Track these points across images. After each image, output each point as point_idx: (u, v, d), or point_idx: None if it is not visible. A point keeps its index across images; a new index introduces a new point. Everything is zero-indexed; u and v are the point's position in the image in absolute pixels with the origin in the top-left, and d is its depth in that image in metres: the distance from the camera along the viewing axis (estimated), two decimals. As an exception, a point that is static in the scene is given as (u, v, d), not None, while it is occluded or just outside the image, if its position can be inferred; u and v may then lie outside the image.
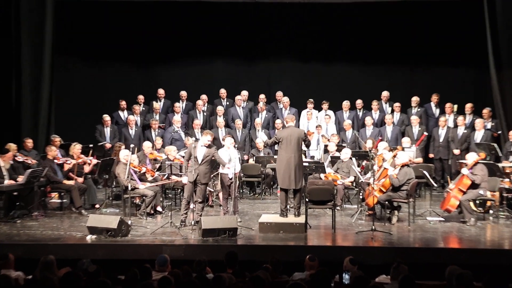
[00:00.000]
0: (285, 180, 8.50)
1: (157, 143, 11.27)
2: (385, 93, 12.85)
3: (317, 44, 13.46)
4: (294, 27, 13.47)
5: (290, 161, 8.49)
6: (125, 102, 12.68)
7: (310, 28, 13.38)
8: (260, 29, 13.56)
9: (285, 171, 8.49)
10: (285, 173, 8.48)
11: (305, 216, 8.48)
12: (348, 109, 12.74)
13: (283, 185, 8.57)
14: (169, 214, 8.90)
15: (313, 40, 13.45)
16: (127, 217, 8.78)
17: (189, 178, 8.51)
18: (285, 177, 8.49)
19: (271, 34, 13.58)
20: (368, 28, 13.25)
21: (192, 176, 8.44)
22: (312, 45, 13.48)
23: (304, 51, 13.61)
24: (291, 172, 8.45)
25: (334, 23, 13.29)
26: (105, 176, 10.79)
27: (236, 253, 6.03)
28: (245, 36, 13.58)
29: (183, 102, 13.08)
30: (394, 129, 12.12)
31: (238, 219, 8.70)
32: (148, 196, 9.29)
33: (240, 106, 12.84)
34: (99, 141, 12.04)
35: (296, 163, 8.49)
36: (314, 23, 13.34)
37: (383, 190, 8.95)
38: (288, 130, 8.70)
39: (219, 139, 12.14)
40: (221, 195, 9.94)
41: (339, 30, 13.34)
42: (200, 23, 13.47)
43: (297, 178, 8.47)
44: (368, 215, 9.21)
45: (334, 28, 13.33)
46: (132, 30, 13.33)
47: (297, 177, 8.47)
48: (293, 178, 8.45)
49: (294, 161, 8.49)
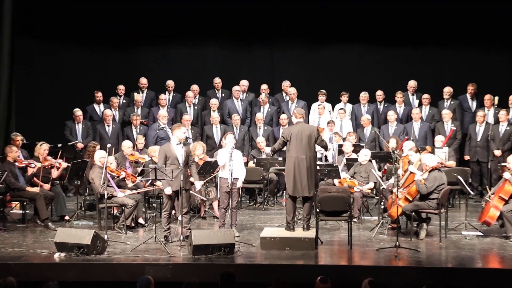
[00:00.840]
0: (295, 185, 8.51)
1: (139, 143, 11.31)
2: (412, 82, 12.85)
3: (330, 24, 13.50)
4: (303, 4, 13.50)
5: (300, 163, 8.49)
6: (101, 94, 12.69)
7: (322, 5, 13.42)
8: (262, 6, 13.59)
9: (295, 174, 8.50)
10: (295, 178, 8.49)
11: (315, 229, 8.48)
12: (367, 102, 12.75)
13: (292, 192, 8.57)
14: (153, 228, 8.86)
15: (325, 19, 13.49)
16: (102, 231, 8.79)
17: (173, 186, 8.49)
18: (295, 182, 8.50)
19: (275, 12, 13.61)
20: (391, 4, 13.25)
21: (176, 183, 8.42)
22: (324, 26, 13.53)
23: (315, 33, 13.64)
24: (302, 176, 8.46)
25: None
26: (76, 182, 10.79)
27: (233, 274, 6.06)
28: (243, 14, 13.60)
29: (169, 94, 13.08)
30: (423, 125, 12.12)
31: (236, 234, 8.71)
32: (128, 206, 9.31)
33: (238, 98, 12.85)
34: (69, 140, 12.05)
35: (308, 165, 8.50)
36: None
37: (409, 199, 8.95)
38: (297, 126, 8.71)
39: (214, 137, 12.23)
40: (216, 205, 10.01)
41: (356, 7, 13.38)
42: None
43: (309, 184, 8.47)
44: (391, 229, 9.23)
45: (350, 5, 13.39)
46: (108, 8, 13.34)
47: (309, 182, 8.47)
48: (306, 183, 8.46)
49: (306, 162, 8.50)
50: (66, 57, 13.56)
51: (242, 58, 13.93)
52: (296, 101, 12.75)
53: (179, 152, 8.53)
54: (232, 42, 13.92)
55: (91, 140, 11.74)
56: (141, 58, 13.89)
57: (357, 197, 9.91)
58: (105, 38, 13.62)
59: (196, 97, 12.98)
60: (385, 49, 13.55)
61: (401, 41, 13.44)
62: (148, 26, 13.60)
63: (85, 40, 13.55)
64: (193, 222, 9.76)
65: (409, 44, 13.45)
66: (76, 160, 10.54)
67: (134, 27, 13.56)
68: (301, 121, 8.76)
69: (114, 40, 13.68)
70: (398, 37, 13.41)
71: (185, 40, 13.85)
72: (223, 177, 8.97)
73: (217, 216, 9.79)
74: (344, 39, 13.60)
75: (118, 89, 12.97)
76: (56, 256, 7.98)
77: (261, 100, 12.75)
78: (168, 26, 13.60)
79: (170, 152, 8.53)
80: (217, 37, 13.85)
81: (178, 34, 13.75)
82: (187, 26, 13.65)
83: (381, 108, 12.78)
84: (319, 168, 9.71)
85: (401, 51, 13.50)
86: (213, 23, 13.63)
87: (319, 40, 13.70)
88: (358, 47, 13.68)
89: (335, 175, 10.05)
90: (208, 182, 10.38)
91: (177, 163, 8.47)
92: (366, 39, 13.55)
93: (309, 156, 8.51)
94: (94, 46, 13.64)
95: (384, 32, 13.39)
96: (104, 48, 13.72)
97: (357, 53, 13.68)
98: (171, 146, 8.56)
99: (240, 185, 9.08)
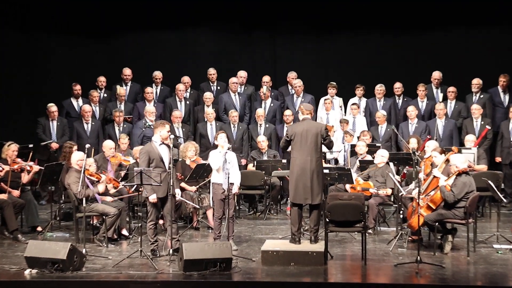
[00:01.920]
0: (298, 192, 8.55)
1: (122, 143, 11.33)
2: (436, 73, 12.86)
3: (341, 6, 13.51)
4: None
5: (305, 166, 8.53)
6: (79, 87, 12.71)
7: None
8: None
9: (299, 179, 8.53)
10: (298, 183, 8.53)
11: (325, 242, 8.47)
12: (383, 96, 12.76)
13: (295, 199, 8.60)
14: (138, 240, 8.86)
15: (336, 1, 13.51)
16: (80, 244, 8.78)
17: (157, 193, 8.54)
18: (298, 188, 8.54)
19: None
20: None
21: (163, 188, 8.48)
22: (335, 8, 13.54)
23: (324, 17, 13.65)
24: (307, 181, 8.49)
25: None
26: (50, 188, 10.86)
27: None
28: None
29: (157, 86, 13.12)
30: (448, 123, 12.16)
31: (233, 247, 8.72)
32: (109, 215, 9.33)
33: (236, 91, 12.86)
34: (42, 140, 12.10)
35: (313, 169, 8.53)
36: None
37: (432, 207, 8.94)
38: (303, 124, 8.73)
39: (208, 136, 12.25)
40: (210, 214, 9.99)
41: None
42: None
43: (315, 190, 8.52)
44: (412, 241, 9.22)
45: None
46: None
47: (315, 188, 8.52)
48: (310, 189, 8.50)
49: (311, 165, 8.53)
50: (40, 46, 13.60)
51: (240, 45, 13.95)
52: (303, 94, 12.77)
53: (164, 153, 8.58)
54: (229, 27, 13.95)
55: (68, 139, 11.70)
56: (125, 46, 13.90)
57: (372, 205, 9.90)
58: (84, 25, 13.64)
59: (187, 91, 12.97)
60: (404, 35, 13.62)
61: (423, 26, 13.47)
62: (133, 9, 13.62)
63: (61, 27, 13.58)
64: (184, 234, 9.86)
65: (432, 29, 13.49)
66: (50, 162, 10.51)
67: (116, 11, 13.59)
68: (308, 118, 8.79)
69: (94, 26, 13.70)
70: (419, 21, 13.43)
71: (175, 25, 13.88)
72: (216, 183, 8.97)
73: (211, 226, 9.79)
74: (358, 23, 13.64)
75: (99, 81, 12.98)
76: (26, 273, 7.95)
77: (262, 94, 12.72)
78: (155, 9, 13.62)
79: (154, 153, 8.57)
80: (211, 21, 13.86)
81: (166, 18, 13.75)
82: (177, 9, 13.64)
83: (399, 103, 12.81)
84: (329, 172, 9.72)
85: (423, 37, 13.53)
86: (207, 5, 13.65)
87: (329, 25, 13.73)
88: (374, 33, 13.73)
89: (347, 179, 10.04)
90: (201, 188, 10.42)
91: (163, 165, 8.52)
92: (382, 24, 13.59)
93: (316, 158, 8.54)
94: (71, 33, 13.67)
95: (403, 16, 13.42)
96: (83, 35, 13.75)
97: (372, 40, 13.71)
98: (154, 146, 8.60)
99: (236, 191, 9.07)
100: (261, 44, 13.99)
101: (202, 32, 13.99)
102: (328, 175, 9.71)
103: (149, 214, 8.75)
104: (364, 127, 12.36)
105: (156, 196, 8.54)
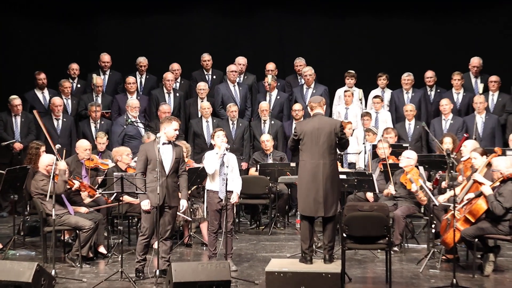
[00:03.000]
0: (308, 202, 8.53)
1: (99, 143, 11.35)
2: (475, 60, 12.88)
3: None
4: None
5: (317, 171, 8.50)
6: (44, 75, 12.65)
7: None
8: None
9: (310, 187, 8.51)
10: (309, 191, 8.51)
11: (341, 262, 8.42)
12: (411, 86, 12.78)
13: (305, 211, 8.57)
14: (118, 259, 8.83)
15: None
16: (49, 264, 8.79)
17: (151, 200, 8.49)
18: (308, 197, 8.52)
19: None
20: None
21: (157, 196, 8.40)
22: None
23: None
24: (319, 189, 8.46)
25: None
26: (12, 197, 10.77)
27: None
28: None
29: (141, 75, 13.15)
30: (489, 119, 12.17)
31: (232, 267, 8.73)
32: (84, 229, 9.29)
33: (235, 82, 12.88)
34: (3, 139, 12.07)
35: (327, 175, 8.49)
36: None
37: (471, 220, 8.88)
38: (314, 120, 8.67)
39: (203, 135, 12.30)
40: (205, 228, 9.95)
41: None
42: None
43: (328, 200, 8.48)
44: (446, 261, 9.23)
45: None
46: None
47: (328, 198, 8.48)
48: (322, 199, 8.46)
49: (324, 170, 8.49)
50: (1, 29, 13.58)
51: (240, 26, 14.01)
52: (314, 85, 12.81)
53: (166, 154, 8.50)
54: (227, 5, 13.96)
55: (34, 139, 11.63)
56: (103, 28, 13.97)
57: (399, 217, 9.85)
58: (54, 3, 13.61)
59: (177, 80, 13.01)
60: (436, 15, 13.64)
61: (458, 4, 13.49)
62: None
63: (26, 7, 13.57)
64: (174, 251, 9.69)
65: (470, 7, 13.53)
66: (13, 166, 10.42)
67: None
68: (320, 113, 8.71)
69: (66, 5, 13.68)
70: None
71: (163, 4, 13.89)
72: (212, 190, 9.00)
73: (206, 243, 9.78)
74: (379, 3, 13.67)
75: (71, 69, 13.00)
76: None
77: (267, 84, 12.75)
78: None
79: (152, 153, 8.50)
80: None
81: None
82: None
83: (431, 95, 12.83)
84: (346, 178, 9.68)
85: (460, 17, 13.56)
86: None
87: (346, 2, 13.79)
88: (400, 13, 13.76)
89: (368, 186, 10.01)
90: (194, 197, 10.39)
91: (162, 169, 8.45)
92: (410, 3, 13.61)
93: (329, 161, 8.51)
94: (38, 14, 13.64)
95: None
96: (53, 16, 13.72)
97: (398, 20, 13.77)
98: (155, 146, 8.52)
99: (236, 201, 9.05)
100: (265, 25, 14.03)
101: (195, 12, 14.04)
102: (345, 182, 9.67)
103: (142, 226, 8.68)
104: (388, 124, 12.36)
105: (149, 203, 8.45)
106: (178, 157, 8.57)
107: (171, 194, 8.52)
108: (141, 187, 8.42)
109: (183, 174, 8.67)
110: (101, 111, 12.27)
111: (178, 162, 8.58)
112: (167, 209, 8.53)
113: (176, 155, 8.55)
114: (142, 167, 8.54)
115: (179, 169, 8.63)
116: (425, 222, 10.38)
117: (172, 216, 8.62)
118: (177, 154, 8.57)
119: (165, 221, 8.54)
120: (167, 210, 8.54)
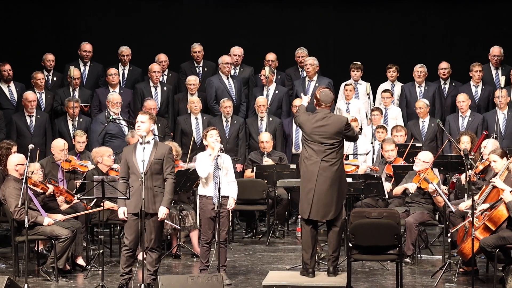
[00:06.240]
0: (310, 205, 8.57)
1: (78, 142, 11.33)
2: (496, 49, 12.84)
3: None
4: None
5: (321, 172, 8.56)
6: (9, 66, 12.48)
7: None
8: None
9: (311, 189, 8.56)
10: (310, 194, 8.57)
11: (347, 274, 8.48)
12: (424, 79, 12.69)
13: (306, 214, 8.60)
14: (99, 272, 8.86)
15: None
16: (21, 277, 8.88)
17: (128, 208, 8.45)
18: (310, 200, 8.57)
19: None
20: None
21: (134, 203, 8.36)
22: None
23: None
24: (322, 191, 8.53)
25: None
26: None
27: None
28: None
29: (124, 67, 13.15)
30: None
31: (226, 280, 8.77)
32: (60, 238, 9.23)
33: (229, 74, 12.81)
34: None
35: (331, 176, 8.54)
36: None
37: (491, 228, 8.83)
38: (317, 116, 8.68)
39: (193, 134, 12.14)
40: (196, 237, 10.04)
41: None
42: None
43: (332, 203, 8.56)
44: (463, 274, 9.22)
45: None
46: None
47: (333, 200, 8.56)
48: (326, 201, 8.54)
49: (328, 172, 8.53)
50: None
51: (234, 12, 14.07)
52: (317, 77, 12.74)
53: (144, 155, 8.36)
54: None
55: (3, 138, 11.57)
56: (82, 13, 13.98)
57: (411, 225, 9.80)
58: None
59: (164, 73, 12.99)
60: (452, 1, 13.71)
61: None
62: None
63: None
64: (161, 264, 9.51)
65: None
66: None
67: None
68: (324, 109, 8.76)
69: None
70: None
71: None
72: (205, 196, 8.98)
73: (197, 253, 9.82)
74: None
75: (45, 59, 12.88)
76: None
77: (264, 77, 12.61)
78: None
79: (129, 155, 8.47)
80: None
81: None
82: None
83: (446, 89, 12.84)
84: (353, 181, 9.73)
85: (476, 4, 13.58)
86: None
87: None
88: (408, 1, 13.91)
89: (377, 190, 10.00)
90: (183, 202, 10.37)
91: (137, 171, 8.40)
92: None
93: (331, 160, 8.58)
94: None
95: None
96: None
97: (408, 6, 13.86)
98: (134, 146, 8.52)
99: (233, 206, 9.04)
100: (262, 11, 14.07)
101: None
102: (351, 186, 9.68)
103: (125, 237, 8.60)
104: (399, 121, 12.31)
105: (125, 211, 8.42)
106: (159, 157, 8.43)
107: (151, 200, 8.39)
108: (123, 192, 8.33)
109: (168, 177, 8.53)
110: (79, 105, 12.17)
111: (159, 164, 8.42)
112: (147, 218, 8.44)
113: (157, 155, 8.41)
114: (123, 171, 8.55)
115: (162, 171, 8.39)
116: (440, 230, 10.46)
117: (155, 223, 8.48)
118: (159, 154, 8.43)
119: (147, 230, 8.46)
120: (147, 219, 8.45)
